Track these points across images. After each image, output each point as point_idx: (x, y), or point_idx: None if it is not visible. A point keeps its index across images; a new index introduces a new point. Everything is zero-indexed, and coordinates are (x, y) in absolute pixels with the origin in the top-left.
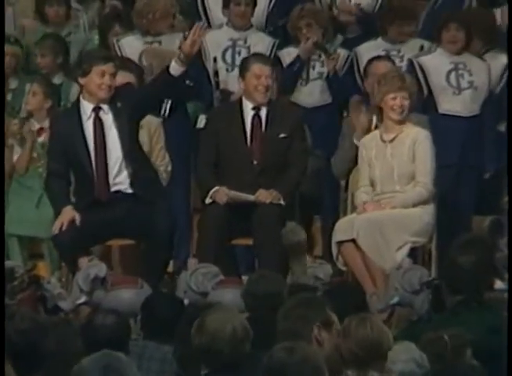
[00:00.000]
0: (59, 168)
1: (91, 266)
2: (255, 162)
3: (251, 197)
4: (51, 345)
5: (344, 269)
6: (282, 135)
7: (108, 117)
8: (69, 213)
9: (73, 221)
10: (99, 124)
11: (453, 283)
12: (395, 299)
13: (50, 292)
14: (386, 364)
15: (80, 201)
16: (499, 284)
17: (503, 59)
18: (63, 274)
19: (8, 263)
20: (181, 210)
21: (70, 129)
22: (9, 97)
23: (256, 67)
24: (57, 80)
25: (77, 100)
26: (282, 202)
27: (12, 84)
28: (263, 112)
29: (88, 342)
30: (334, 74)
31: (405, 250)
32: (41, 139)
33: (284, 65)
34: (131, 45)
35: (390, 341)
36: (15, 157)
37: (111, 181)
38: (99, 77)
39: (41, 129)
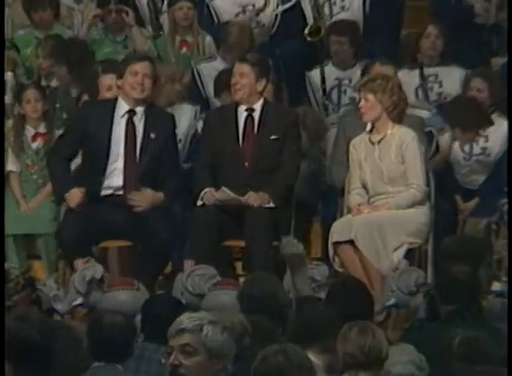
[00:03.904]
0: (69, 151)
1: (87, 268)
2: (246, 164)
3: (241, 199)
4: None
5: (340, 270)
6: (273, 137)
7: (140, 124)
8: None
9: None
10: (131, 128)
11: (447, 293)
12: (391, 301)
13: (45, 294)
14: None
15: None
16: (496, 286)
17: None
18: (60, 276)
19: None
20: (176, 211)
21: (99, 119)
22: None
23: (234, 67)
24: (54, 83)
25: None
26: (271, 205)
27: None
28: (256, 113)
29: (94, 342)
30: None
31: (402, 251)
32: (35, 145)
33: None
34: None
35: (387, 350)
36: (8, 167)
37: None
38: (132, 76)
39: (37, 135)
